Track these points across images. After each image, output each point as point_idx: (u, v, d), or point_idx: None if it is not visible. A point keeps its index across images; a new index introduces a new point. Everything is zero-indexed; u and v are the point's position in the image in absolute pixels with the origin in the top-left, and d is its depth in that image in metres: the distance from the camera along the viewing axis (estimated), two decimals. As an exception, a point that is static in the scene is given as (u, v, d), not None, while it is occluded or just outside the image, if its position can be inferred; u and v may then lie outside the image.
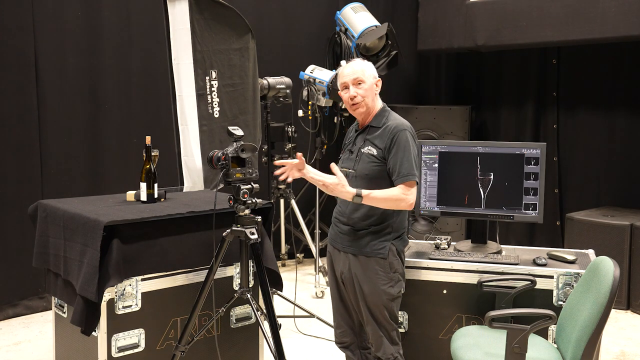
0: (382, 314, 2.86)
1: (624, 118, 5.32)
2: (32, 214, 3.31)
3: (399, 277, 2.89)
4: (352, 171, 2.88)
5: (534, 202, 3.29)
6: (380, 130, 2.85)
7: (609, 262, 2.50)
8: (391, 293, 2.85)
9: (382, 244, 2.83)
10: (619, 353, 4.00)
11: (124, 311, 2.92)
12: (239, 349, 3.32)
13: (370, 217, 2.84)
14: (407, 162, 2.77)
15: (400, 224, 2.88)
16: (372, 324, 2.88)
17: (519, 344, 2.50)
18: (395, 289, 2.86)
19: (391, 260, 2.84)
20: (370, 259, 2.84)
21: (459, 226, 5.88)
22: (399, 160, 2.77)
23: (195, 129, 4.04)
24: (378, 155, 2.82)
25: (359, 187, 2.80)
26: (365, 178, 2.84)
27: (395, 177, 2.78)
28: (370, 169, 2.83)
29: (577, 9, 4.78)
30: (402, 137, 2.79)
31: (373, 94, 2.92)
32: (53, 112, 4.63)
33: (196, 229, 3.10)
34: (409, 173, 2.76)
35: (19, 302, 4.55)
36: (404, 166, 2.76)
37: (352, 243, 2.88)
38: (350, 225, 2.88)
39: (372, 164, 2.83)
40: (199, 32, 4.01)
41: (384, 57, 5.45)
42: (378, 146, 2.82)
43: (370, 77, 2.90)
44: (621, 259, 4.61)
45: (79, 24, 4.72)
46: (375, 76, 2.94)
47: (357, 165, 2.87)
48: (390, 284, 2.85)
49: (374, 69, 2.97)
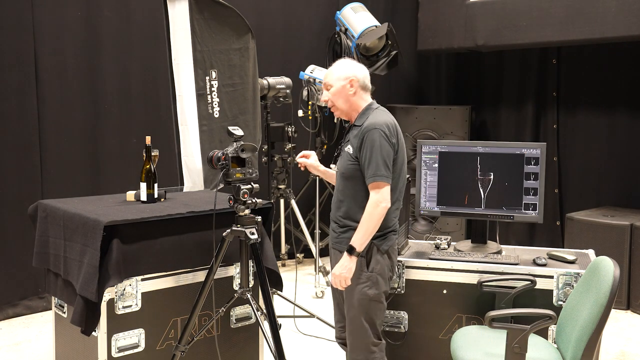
0: (356, 316, 2.80)
1: (624, 118, 5.32)
2: (32, 214, 3.31)
3: (378, 279, 2.80)
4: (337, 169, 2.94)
5: (534, 202, 3.29)
6: (358, 129, 2.84)
7: (609, 262, 2.50)
8: (367, 293, 2.79)
9: None
10: (619, 353, 4.00)
11: (124, 311, 2.92)
12: (239, 349, 3.32)
13: (350, 214, 2.83)
14: (374, 162, 2.74)
15: (384, 223, 2.81)
16: (348, 324, 2.86)
17: (519, 344, 2.50)
18: (372, 291, 2.79)
19: (370, 259, 2.80)
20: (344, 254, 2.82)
21: (459, 226, 5.88)
22: (367, 161, 2.75)
23: (195, 129, 4.04)
24: (352, 155, 2.82)
25: (339, 185, 2.87)
26: (342, 177, 2.87)
27: (366, 178, 2.77)
28: (346, 167, 2.84)
29: (577, 9, 4.78)
30: (370, 137, 2.75)
31: (345, 96, 2.87)
32: (53, 112, 4.63)
33: (196, 229, 3.10)
34: (375, 174, 2.73)
35: (19, 302, 4.55)
36: (371, 167, 2.74)
37: (337, 239, 2.89)
38: (336, 223, 2.90)
39: (348, 162, 2.83)
40: (199, 32, 4.01)
41: (384, 57, 5.45)
42: (353, 145, 2.83)
43: (338, 79, 2.86)
44: (621, 259, 4.61)
45: (79, 24, 4.72)
46: (348, 76, 2.85)
47: (339, 162, 2.91)
48: (367, 284, 2.79)
49: (348, 69, 2.89)
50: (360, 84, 2.89)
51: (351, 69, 2.90)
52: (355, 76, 2.88)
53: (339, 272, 2.76)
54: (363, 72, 2.92)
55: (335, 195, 2.94)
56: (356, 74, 2.88)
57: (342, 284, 2.78)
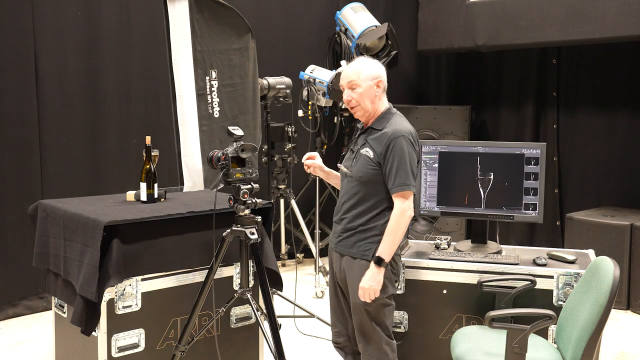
0: (366, 319, 2.80)
1: (624, 118, 5.32)
2: (32, 214, 3.31)
3: (385, 283, 2.76)
4: (350, 172, 2.86)
5: (534, 202, 3.29)
6: (379, 133, 2.78)
7: (609, 262, 2.50)
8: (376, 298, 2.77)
9: (368, 246, 2.78)
10: (619, 353, 4.00)
11: (124, 311, 2.92)
12: (239, 349, 3.32)
13: (360, 218, 2.79)
14: (402, 171, 2.70)
15: None
16: (357, 329, 2.85)
17: (519, 344, 2.50)
18: (380, 295, 2.75)
19: None
20: (356, 260, 2.80)
21: (459, 226, 5.88)
22: (394, 169, 2.70)
23: (195, 129, 4.04)
24: (374, 159, 2.76)
25: (353, 189, 2.80)
26: (359, 181, 2.80)
27: (391, 186, 2.73)
28: (365, 171, 2.78)
29: (577, 9, 4.78)
30: (398, 145, 2.71)
31: (372, 96, 2.81)
32: (53, 112, 4.63)
33: (196, 229, 3.10)
34: (403, 183, 2.70)
35: (19, 302, 4.55)
36: (399, 175, 2.70)
37: (342, 242, 2.85)
38: (342, 225, 2.86)
39: (368, 166, 2.77)
40: (199, 32, 4.01)
41: (384, 57, 5.45)
42: (375, 150, 2.77)
43: (366, 79, 2.80)
44: (621, 259, 4.61)
45: (79, 24, 4.72)
46: (375, 77, 2.81)
47: (354, 166, 2.84)
48: None
49: (375, 69, 2.83)
50: (384, 85, 2.86)
51: (378, 69, 2.85)
52: (382, 77, 2.84)
53: (369, 285, 2.71)
54: (384, 74, 2.88)
55: (343, 198, 2.88)
56: (382, 75, 2.85)
57: (371, 296, 2.73)
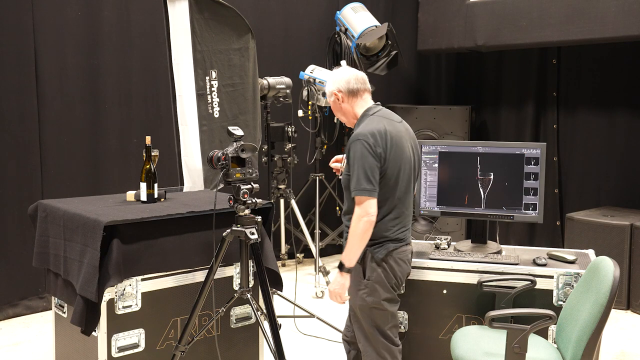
0: (360, 322, 2.81)
1: (624, 118, 5.32)
2: (32, 214, 3.31)
3: (375, 287, 2.75)
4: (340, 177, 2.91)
5: (534, 202, 3.29)
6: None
7: (609, 262, 2.50)
8: (365, 300, 2.76)
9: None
10: (619, 353, 4.00)
11: (124, 311, 2.92)
12: (239, 349, 3.32)
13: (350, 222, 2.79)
14: (355, 175, 2.67)
15: (378, 232, 2.75)
16: (355, 328, 2.86)
17: (519, 344, 2.50)
18: (370, 298, 2.75)
19: (366, 267, 2.78)
20: None
21: (459, 226, 5.88)
22: (353, 174, 2.69)
23: (195, 129, 4.04)
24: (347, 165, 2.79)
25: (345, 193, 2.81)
26: (344, 185, 2.82)
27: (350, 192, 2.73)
28: (344, 177, 2.81)
29: (577, 9, 4.78)
30: (353, 149, 2.70)
31: (337, 108, 2.87)
32: (53, 112, 4.63)
33: (196, 229, 3.10)
34: (356, 188, 2.67)
35: (19, 302, 4.55)
36: (353, 180, 2.68)
37: (343, 243, 2.88)
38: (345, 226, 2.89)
39: (345, 172, 2.80)
40: (199, 32, 4.01)
41: (384, 57, 5.46)
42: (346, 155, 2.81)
43: (329, 95, 2.87)
44: (621, 259, 4.61)
45: (79, 24, 4.71)
46: (332, 90, 2.84)
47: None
48: (365, 291, 2.76)
49: (331, 82, 2.85)
50: (345, 91, 2.83)
51: (333, 82, 2.86)
52: (338, 87, 2.84)
53: (333, 289, 2.75)
54: (345, 78, 2.84)
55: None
56: (338, 84, 2.83)
57: (337, 299, 2.77)
